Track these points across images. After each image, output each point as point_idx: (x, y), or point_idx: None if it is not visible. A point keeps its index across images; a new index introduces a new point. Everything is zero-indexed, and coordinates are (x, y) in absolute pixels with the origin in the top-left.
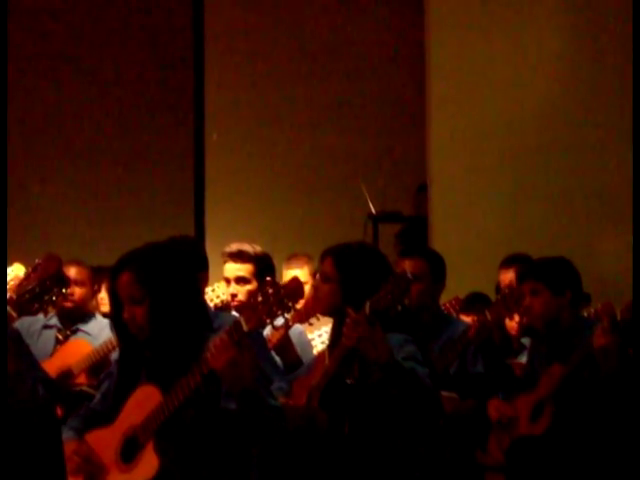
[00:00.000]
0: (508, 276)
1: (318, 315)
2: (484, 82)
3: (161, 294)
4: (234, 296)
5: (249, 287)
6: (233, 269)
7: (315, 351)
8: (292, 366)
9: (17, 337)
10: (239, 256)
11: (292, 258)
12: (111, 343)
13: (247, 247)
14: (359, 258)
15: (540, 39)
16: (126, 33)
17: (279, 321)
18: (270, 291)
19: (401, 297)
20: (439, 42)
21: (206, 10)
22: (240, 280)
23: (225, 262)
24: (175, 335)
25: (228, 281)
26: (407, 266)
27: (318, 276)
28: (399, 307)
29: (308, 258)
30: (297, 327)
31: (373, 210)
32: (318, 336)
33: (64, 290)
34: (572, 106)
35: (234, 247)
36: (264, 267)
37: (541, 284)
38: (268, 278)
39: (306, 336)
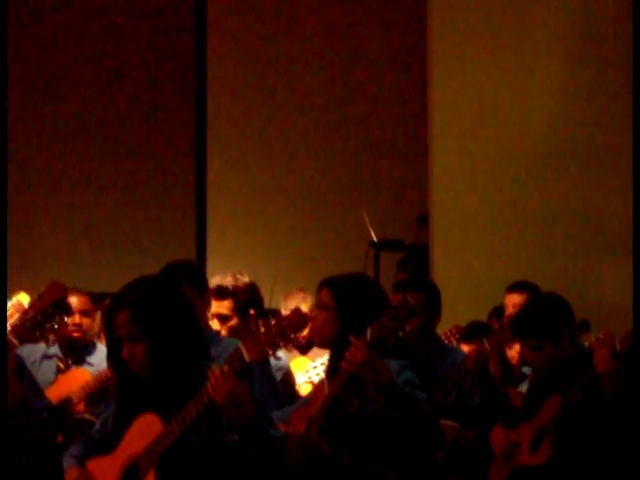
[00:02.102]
0: (513, 299)
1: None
2: (485, 112)
3: (160, 330)
4: (218, 332)
5: (231, 323)
6: (214, 306)
7: (309, 380)
8: None
9: (20, 364)
10: (218, 293)
11: (287, 298)
12: (110, 371)
13: (227, 281)
14: (355, 288)
15: (541, 68)
16: (127, 62)
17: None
18: (273, 322)
19: (402, 324)
20: (441, 72)
21: (209, 37)
22: (220, 317)
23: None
24: (175, 368)
25: (212, 316)
26: None
27: (313, 306)
28: (400, 334)
29: (304, 295)
30: (283, 363)
31: (374, 238)
32: (313, 368)
33: (66, 318)
34: (573, 135)
35: (213, 283)
36: (247, 300)
37: (539, 340)
38: (252, 312)
39: (290, 377)
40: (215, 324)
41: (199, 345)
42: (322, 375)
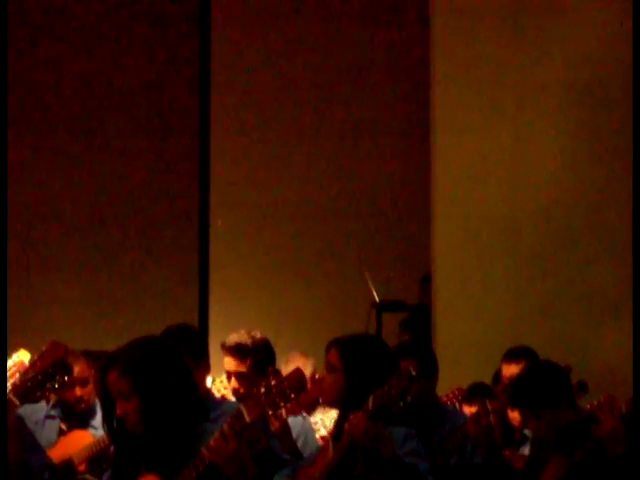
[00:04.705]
0: (510, 370)
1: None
2: (487, 176)
3: (148, 387)
4: (236, 390)
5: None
6: (232, 365)
7: (316, 435)
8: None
9: (20, 424)
10: (238, 352)
11: (289, 361)
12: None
13: (245, 339)
14: (365, 350)
15: (542, 136)
16: (131, 113)
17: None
18: (273, 382)
19: (404, 394)
20: (443, 137)
21: (212, 84)
22: (240, 376)
23: (225, 354)
24: (168, 427)
25: (229, 374)
26: None
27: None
28: (401, 403)
29: (304, 360)
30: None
31: (377, 299)
32: (320, 420)
33: (66, 378)
34: (574, 202)
35: (232, 341)
36: (264, 357)
37: (538, 409)
38: (270, 369)
39: (309, 423)
40: (233, 382)
41: (194, 404)
42: (321, 431)
